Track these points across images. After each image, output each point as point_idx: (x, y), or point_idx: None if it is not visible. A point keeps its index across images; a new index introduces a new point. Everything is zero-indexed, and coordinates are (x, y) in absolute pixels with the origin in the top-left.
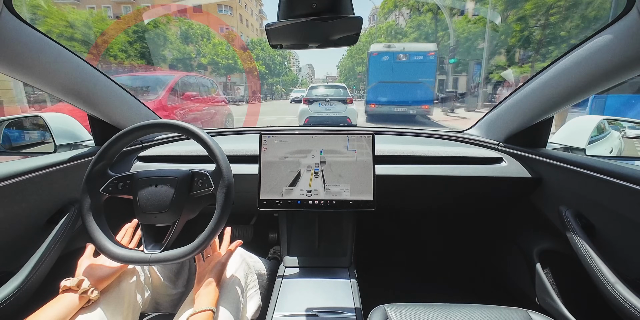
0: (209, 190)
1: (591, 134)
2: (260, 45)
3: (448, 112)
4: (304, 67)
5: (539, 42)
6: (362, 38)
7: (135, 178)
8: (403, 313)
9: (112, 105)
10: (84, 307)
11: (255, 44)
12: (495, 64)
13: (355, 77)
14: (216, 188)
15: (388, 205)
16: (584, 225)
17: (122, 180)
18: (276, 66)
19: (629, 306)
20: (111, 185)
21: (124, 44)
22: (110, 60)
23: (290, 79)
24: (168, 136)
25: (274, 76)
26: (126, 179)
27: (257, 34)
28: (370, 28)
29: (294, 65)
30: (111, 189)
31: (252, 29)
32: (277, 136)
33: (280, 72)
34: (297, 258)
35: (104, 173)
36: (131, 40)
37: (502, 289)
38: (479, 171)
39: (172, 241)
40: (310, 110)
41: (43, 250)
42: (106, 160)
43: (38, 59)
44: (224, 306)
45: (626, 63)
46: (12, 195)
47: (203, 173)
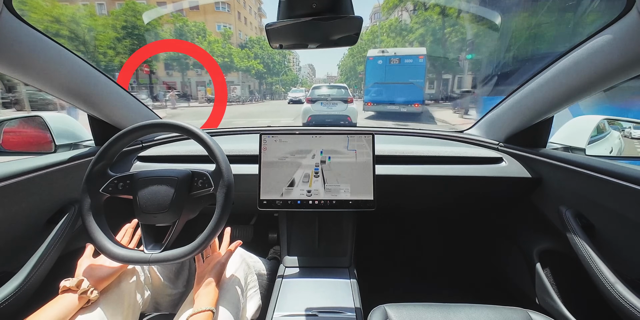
0: (208, 191)
1: (591, 133)
2: (259, 43)
3: (462, 114)
4: (304, 67)
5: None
6: (364, 36)
7: (135, 178)
8: (403, 313)
9: (112, 105)
10: (84, 308)
11: (254, 42)
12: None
13: (356, 76)
14: (216, 188)
15: (388, 205)
16: (584, 225)
17: (122, 180)
18: (275, 65)
19: (629, 306)
20: (111, 185)
21: (112, 40)
22: (99, 58)
23: (290, 78)
24: (168, 136)
25: (273, 75)
26: (126, 179)
27: (256, 33)
28: (372, 26)
29: (294, 65)
30: (111, 189)
31: (250, 27)
32: (277, 136)
33: (279, 71)
34: (297, 258)
35: (104, 173)
36: (120, 37)
37: (502, 289)
38: (479, 171)
39: (172, 241)
40: (312, 109)
41: (43, 250)
42: (106, 160)
43: (38, 59)
44: (224, 306)
45: (626, 63)
46: (12, 195)
47: (203, 173)
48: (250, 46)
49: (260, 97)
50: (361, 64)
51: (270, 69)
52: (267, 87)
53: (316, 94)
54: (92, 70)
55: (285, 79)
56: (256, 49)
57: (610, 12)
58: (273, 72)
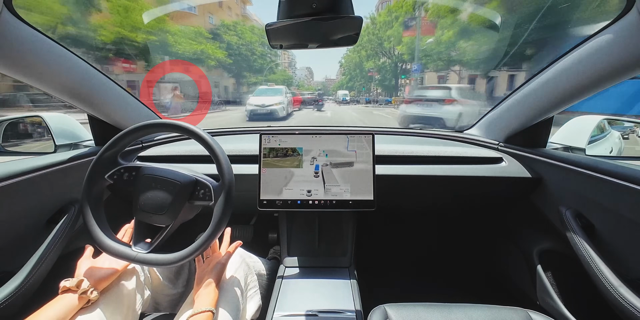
0: (207, 203)
1: (591, 133)
2: (236, 29)
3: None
4: (302, 70)
5: None
6: (379, 17)
7: (141, 172)
8: (403, 313)
9: (112, 105)
10: (84, 308)
11: (228, 28)
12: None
13: (363, 75)
14: (215, 202)
15: (388, 205)
16: (584, 225)
17: (129, 171)
18: (257, 59)
19: (629, 306)
20: (117, 174)
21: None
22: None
23: (281, 78)
24: (168, 136)
25: (256, 73)
26: (132, 170)
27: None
28: (388, 5)
29: (289, 66)
30: (116, 177)
31: (229, 13)
32: (277, 136)
33: (262, 66)
34: (297, 258)
35: (114, 160)
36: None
37: (502, 289)
38: (479, 171)
39: (161, 243)
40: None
41: (43, 250)
42: (118, 148)
43: (38, 58)
44: (224, 307)
45: (626, 63)
46: (12, 195)
47: (206, 184)
48: (224, 32)
49: (220, 102)
50: (371, 59)
51: (250, 64)
52: (249, 89)
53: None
54: (92, 70)
55: (274, 79)
56: (229, 37)
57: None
58: (255, 69)
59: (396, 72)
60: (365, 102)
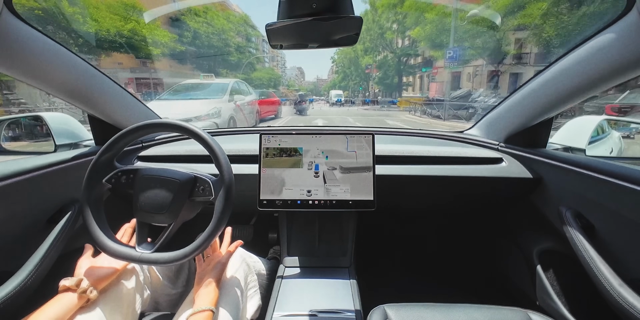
0: (208, 198)
1: (591, 134)
2: (206, 16)
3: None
4: (292, 69)
5: None
6: (380, 7)
7: (139, 174)
8: (403, 313)
9: (112, 105)
10: (83, 307)
11: (195, 14)
12: None
13: (359, 73)
14: (216, 197)
15: (388, 206)
16: (583, 225)
17: (126, 174)
18: (233, 52)
19: (629, 307)
20: (115, 177)
21: None
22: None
23: (266, 77)
24: (168, 136)
25: (233, 70)
26: (130, 173)
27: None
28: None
29: (278, 64)
30: (114, 181)
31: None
32: (277, 136)
33: (239, 61)
34: (297, 258)
35: (110, 163)
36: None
37: (502, 289)
38: (479, 171)
39: (165, 242)
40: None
41: (43, 250)
42: (114, 151)
43: (38, 58)
44: (224, 306)
45: (626, 63)
46: (12, 195)
47: (206, 180)
48: (189, 17)
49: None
50: (370, 53)
51: (225, 58)
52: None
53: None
54: (92, 70)
55: (257, 77)
56: (195, 23)
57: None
58: (232, 64)
59: (399, 68)
60: (363, 103)
